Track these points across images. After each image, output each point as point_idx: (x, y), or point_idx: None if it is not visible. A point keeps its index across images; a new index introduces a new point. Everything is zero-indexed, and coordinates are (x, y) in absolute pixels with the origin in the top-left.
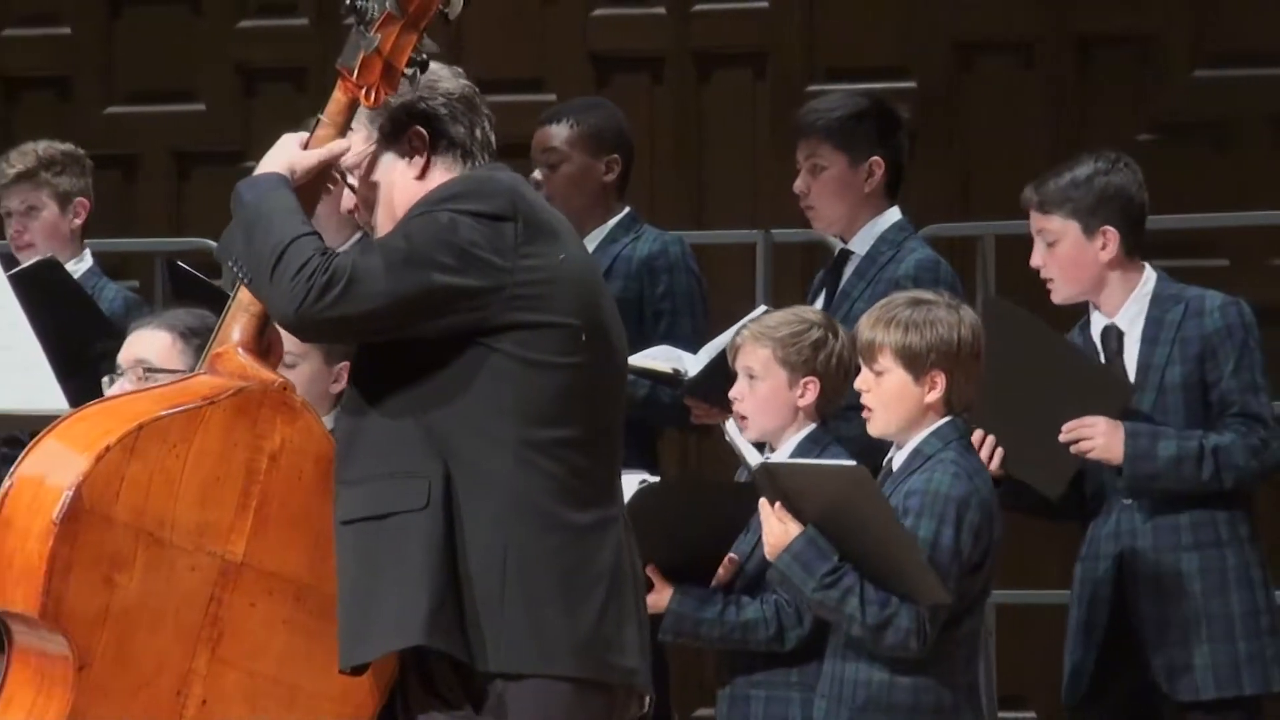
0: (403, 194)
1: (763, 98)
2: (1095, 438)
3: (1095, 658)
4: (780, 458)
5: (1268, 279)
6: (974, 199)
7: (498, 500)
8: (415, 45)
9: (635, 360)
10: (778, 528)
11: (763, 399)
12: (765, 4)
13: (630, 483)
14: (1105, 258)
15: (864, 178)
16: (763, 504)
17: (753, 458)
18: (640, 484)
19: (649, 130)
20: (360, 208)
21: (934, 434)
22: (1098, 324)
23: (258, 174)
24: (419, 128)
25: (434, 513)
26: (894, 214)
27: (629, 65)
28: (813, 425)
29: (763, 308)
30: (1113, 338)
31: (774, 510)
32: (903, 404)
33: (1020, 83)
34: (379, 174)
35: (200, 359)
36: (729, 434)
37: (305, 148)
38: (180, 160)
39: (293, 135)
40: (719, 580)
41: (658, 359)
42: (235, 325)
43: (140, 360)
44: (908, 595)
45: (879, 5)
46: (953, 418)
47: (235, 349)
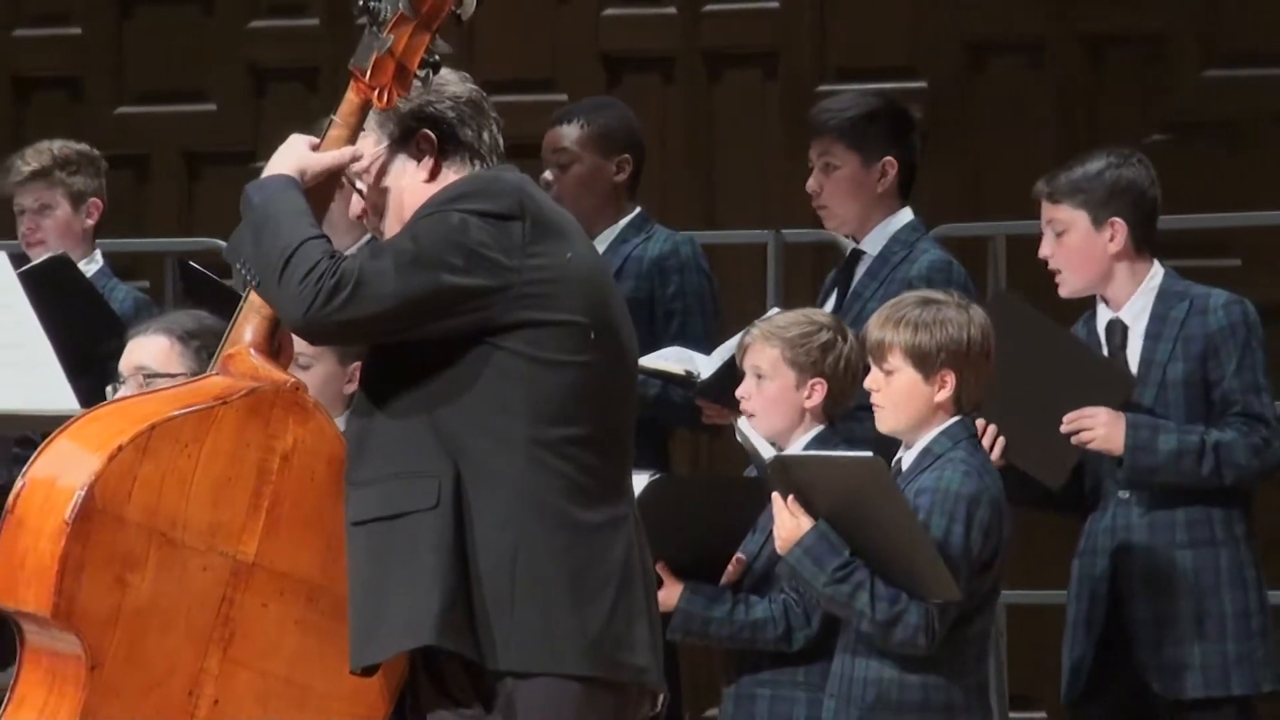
0: (411, 197)
1: (773, 98)
2: (1096, 428)
3: (1094, 654)
4: None
5: (1279, 279)
6: (984, 199)
7: (508, 499)
8: (428, 46)
9: (647, 361)
10: (790, 521)
11: (770, 399)
12: (776, 4)
13: (641, 482)
14: (1113, 249)
15: (877, 178)
16: (775, 497)
17: (766, 451)
18: (650, 477)
19: (660, 130)
20: (369, 212)
21: (944, 433)
22: (1103, 318)
23: (266, 176)
24: (427, 131)
25: (444, 512)
26: (906, 214)
27: (640, 65)
28: (820, 427)
29: (775, 310)
30: (1117, 332)
31: (786, 504)
32: (912, 403)
33: (1030, 83)
34: (387, 178)
35: (212, 360)
36: (741, 430)
37: (317, 149)
38: (191, 160)
39: (301, 136)
40: (727, 579)
41: (670, 360)
42: (247, 326)
43: (140, 367)
44: (918, 591)
45: (889, 6)
46: (962, 417)
47: (247, 350)
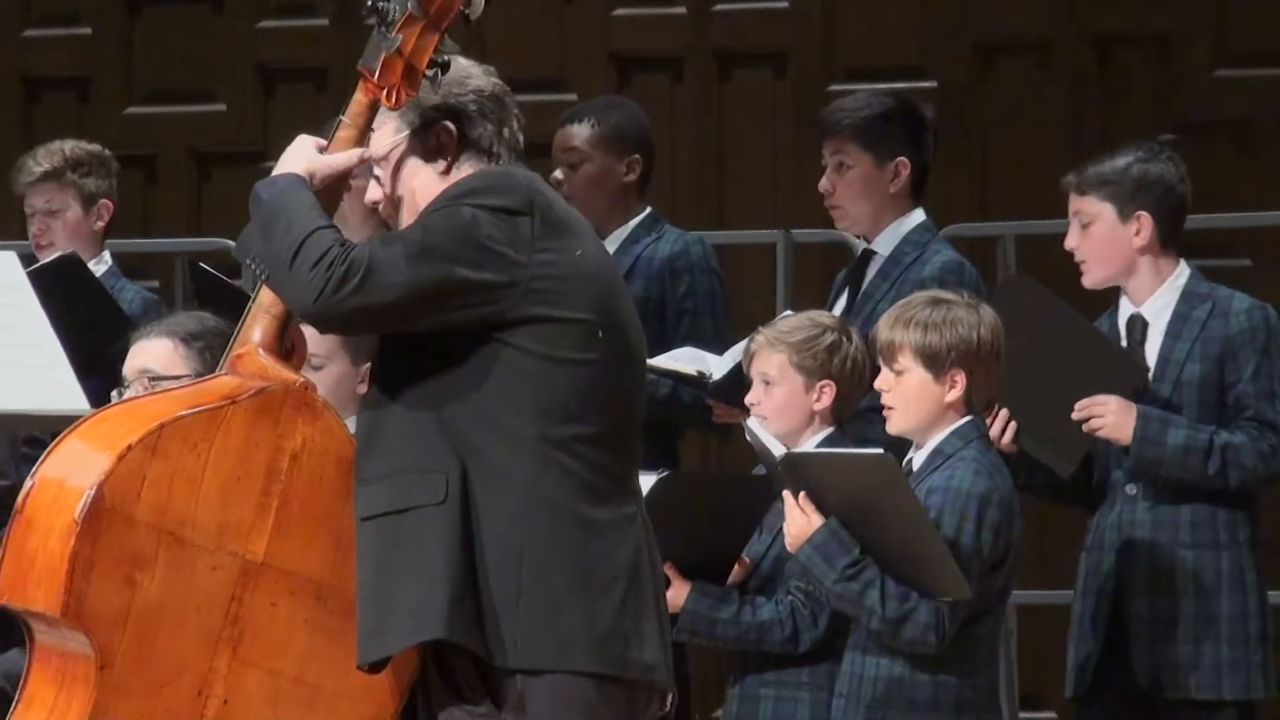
0: (426, 188)
1: (783, 97)
2: (1106, 416)
3: (1099, 651)
4: None
5: None
6: (993, 199)
7: (515, 496)
8: (436, 46)
9: (660, 361)
10: (800, 519)
11: (779, 404)
12: (785, 4)
13: (649, 482)
14: (1138, 244)
15: (889, 178)
16: (786, 495)
17: (776, 449)
18: (658, 474)
19: (669, 130)
20: (385, 201)
21: (954, 433)
22: (1124, 312)
23: (275, 174)
24: (448, 123)
25: (451, 507)
26: (918, 215)
27: (650, 65)
28: (830, 429)
29: (788, 312)
30: (1137, 327)
31: (797, 501)
32: (923, 403)
33: (1039, 83)
34: (405, 168)
35: (222, 359)
36: (750, 430)
37: (325, 150)
38: (200, 160)
39: (308, 137)
40: (733, 580)
41: (682, 360)
42: (256, 326)
43: (145, 370)
44: (929, 589)
45: (899, 5)
46: (973, 417)
47: (256, 350)
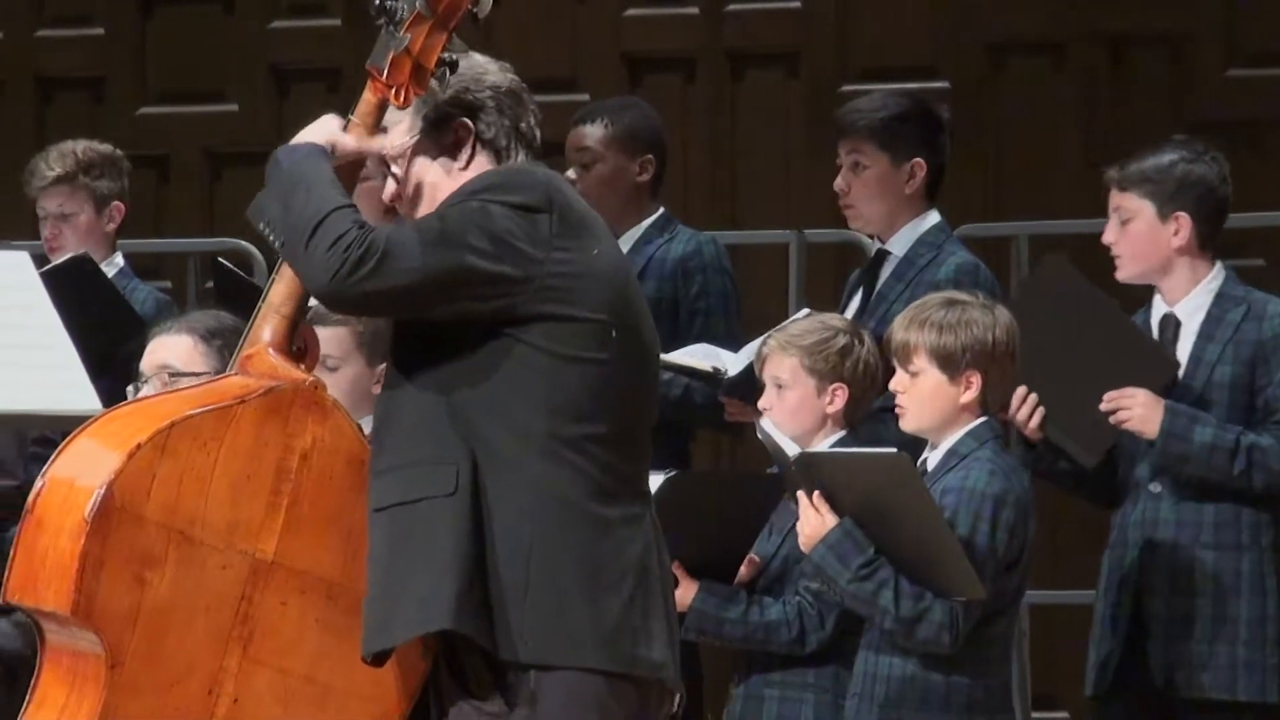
0: (445, 185)
1: (795, 97)
2: (1134, 408)
3: (1121, 649)
4: None
5: None
6: (1005, 199)
7: (525, 491)
8: (444, 45)
9: (675, 357)
10: (814, 519)
11: (792, 408)
12: (798, 4)
13: (658, 481)
14: (1176, 244)
15: (905, 179)
16: (800, 495)
17: (790, 449)
18: (666, 474)
19: (682, 130)
20: (401, 198)
21: (969, 434)
22: (1157, 311)
23: (297, 142)
24: (464, 119)
25: (462, 499)
26: (933, 216)
27: (662, 65)
28: (842, 432)
29: (806, 310)
30: (1170, 326)
31: (811, 501)
32: (938, 404)
33: (1052, 83)
34: (421, 164)
35: (232, 359)
36: (763, 429)
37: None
38: (213, 160)
39: (334, 116)
40: (741, 579)
41: (697, 357)
42: (266, 326)
43: (164, 366)
44: (943, 589)
45: (911, 5)
46: (988, 418)
47: (266, 349)
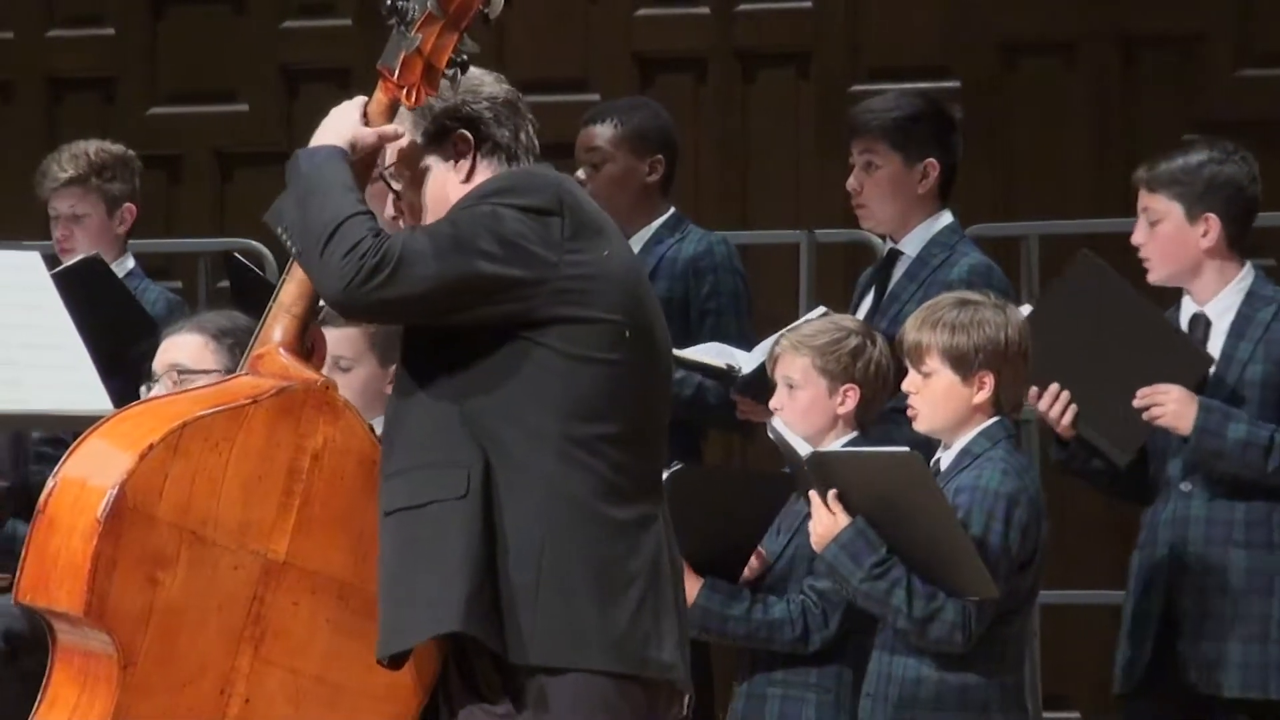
0: (451, 193)
1: (806, 97)
2: (1168, 404)
3: (1151, 648)
4: None
5: None
6: (1017, 199)
7: (537, 493)
8: (456, 45)
9: (689, 354)
10: (827, 518)
11: (803, 408)
12: (809, 4)
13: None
14: (1205, 245)
15: (918, 179)
16: (813, 494)
17: (802, 448)
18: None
19: (692, 131)
20: (406, 213)
21: (982, 434)
22: (1186, 310)
23: (316, 145)
24: (464, 131)
25: (473, 501)
26: (946, 216)
27: (672, 65)
28: (853, 433)
29: (821, 309)
30: (1200, 326)
31: (825, 500)
32: (950, 405)
33: (1063, 83)
34: (423, 178)
35: (243, 358)
36: (774, 428)
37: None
38: (223, 161)
39: (353, 103)
40: (747, 576)
41: (710, 354)
42: (277, 326)
43: (175, 365)
44: (956, 589)
45: (923, 5)
46: (1001, 418)
47: (277, 349)
